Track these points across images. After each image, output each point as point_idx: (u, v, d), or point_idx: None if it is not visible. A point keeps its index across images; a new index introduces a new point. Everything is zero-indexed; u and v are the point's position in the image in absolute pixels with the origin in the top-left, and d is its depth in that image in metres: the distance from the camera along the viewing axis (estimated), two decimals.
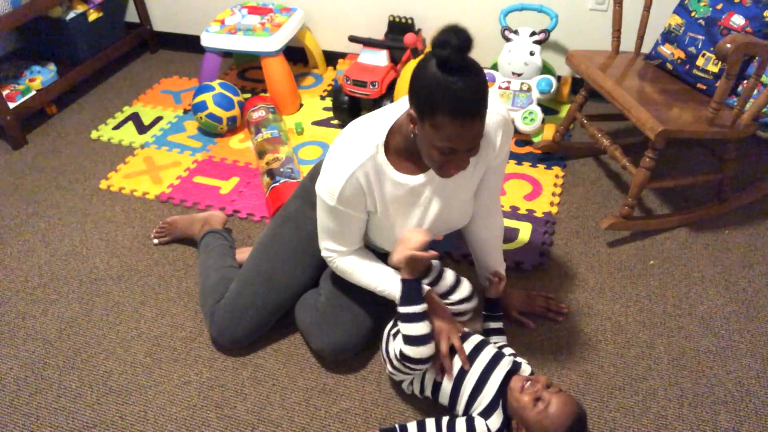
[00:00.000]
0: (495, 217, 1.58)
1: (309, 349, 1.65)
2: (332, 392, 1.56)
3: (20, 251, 2.03)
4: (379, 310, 1.59)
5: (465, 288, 1.46)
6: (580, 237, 1.97)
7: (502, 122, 1.36)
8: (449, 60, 1.09)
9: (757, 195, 2.08)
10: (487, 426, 1.33)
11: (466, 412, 1.38)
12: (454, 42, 1.07)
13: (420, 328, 1.34)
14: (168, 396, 1.57)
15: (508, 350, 1.51)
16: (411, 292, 1.36)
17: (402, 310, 1.36)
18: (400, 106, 1.34)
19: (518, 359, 1.45)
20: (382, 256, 1.51)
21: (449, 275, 1.45)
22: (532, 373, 1.42)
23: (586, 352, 1.62)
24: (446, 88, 1.10)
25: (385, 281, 1.43)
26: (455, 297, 1.45)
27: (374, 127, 1.33)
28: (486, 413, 1.35)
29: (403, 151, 1.33)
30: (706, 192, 2.11)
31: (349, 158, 1.31)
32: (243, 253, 1.86)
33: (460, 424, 1.35)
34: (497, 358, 1.40)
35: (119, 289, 1.87)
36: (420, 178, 1.35)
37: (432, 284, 1.43)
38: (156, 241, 2.00)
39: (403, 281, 1.36)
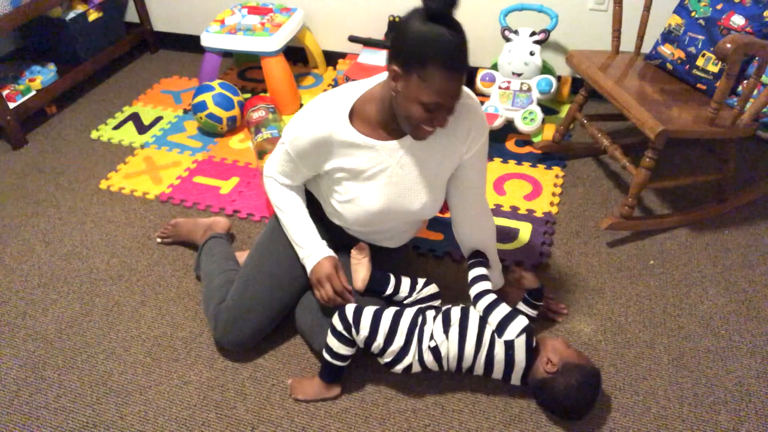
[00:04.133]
0: (484, 218, 1.59)
1: (310, 350, 1.65)
2: None
3: (20, 251, 2.03)
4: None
5: (421, 283, 1.59)
6: (580, 237, 1.97)
7: (472, 108, 1.40)
8: (440, 12, 1.12)
9: (757, 195, 2.08)
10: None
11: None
12: None
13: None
14: (168, 396, 1.57)
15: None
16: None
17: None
18: (369, 81, 1.40)
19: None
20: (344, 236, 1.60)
21: (404, 281, 1.59)
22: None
23: (586, 352, 1.62)
24: (438, 40, 1.13)
25: (301, 233, 1.54)
26: (424, 293, 1.58)
27: (343, 95, 1.39)
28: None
29: (374, 120, 1.37)
30: (706, 192, 2.11)
31: (315, 119, 1.38)
32: (243, 257, 1.86)
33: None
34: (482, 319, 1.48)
35: (119, 289, 1.87)
36: (386, 144, 1.39)
37: (393, 294, 1.58)
38: (159, 240, 2.01)
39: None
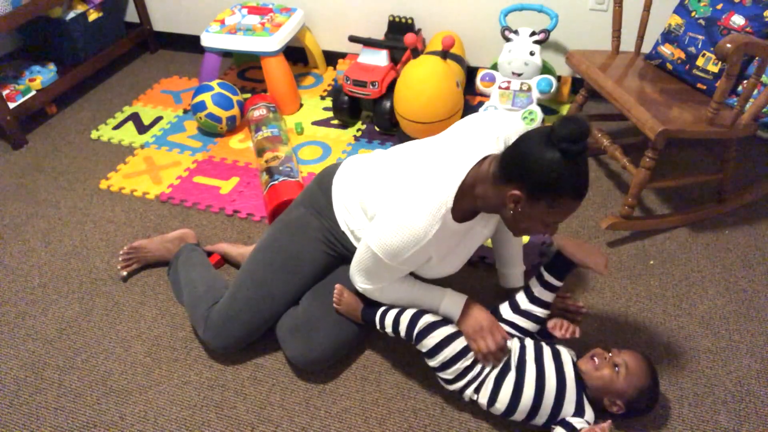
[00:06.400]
0: None
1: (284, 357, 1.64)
2: (332, 392, 1.56)
3: (20, 251, 2.03)
4: (353, 326, 1.57)
5: None
6: (580, 237, 1.97)
7: None
8: (577, 152, 1.16)
9: (757, 195, 2.08)
10: (587, 422, 1.36)
11: (552, 420, 1.37)
12: (583, 136, 1.15)
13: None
14: (168, 396, 1.57)
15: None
16: None
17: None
18: (460, 162, 1.31)
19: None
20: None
21: None
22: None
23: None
24: (572, 175, 1.19)
25: (437, 300, 1.45)
26: None
27: (442, 187, 1.29)
28: (578, 413, 1.37)
29: (467, 209, 1.34)
30: (706, 192, 2.11)
31: (419, 226, 1.27)
32: (237, 248, 1.88)
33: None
34: (557, 354, 1.43)
35: (119, 289, 1.87)
36: (472, 223, 1.39)
37: None
38: (125, 273, 1.88)
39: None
